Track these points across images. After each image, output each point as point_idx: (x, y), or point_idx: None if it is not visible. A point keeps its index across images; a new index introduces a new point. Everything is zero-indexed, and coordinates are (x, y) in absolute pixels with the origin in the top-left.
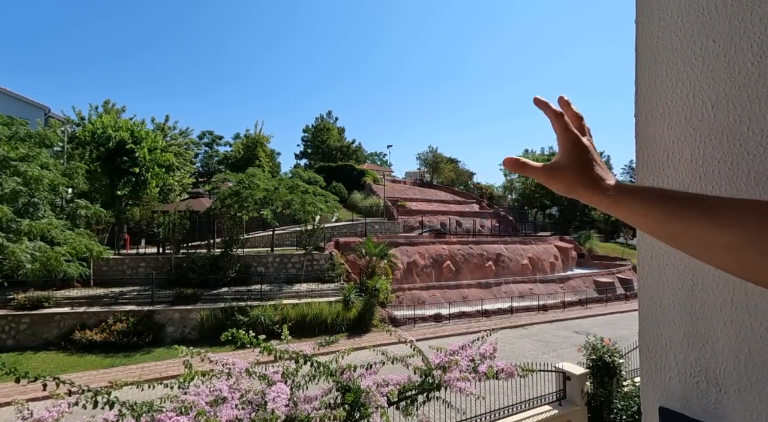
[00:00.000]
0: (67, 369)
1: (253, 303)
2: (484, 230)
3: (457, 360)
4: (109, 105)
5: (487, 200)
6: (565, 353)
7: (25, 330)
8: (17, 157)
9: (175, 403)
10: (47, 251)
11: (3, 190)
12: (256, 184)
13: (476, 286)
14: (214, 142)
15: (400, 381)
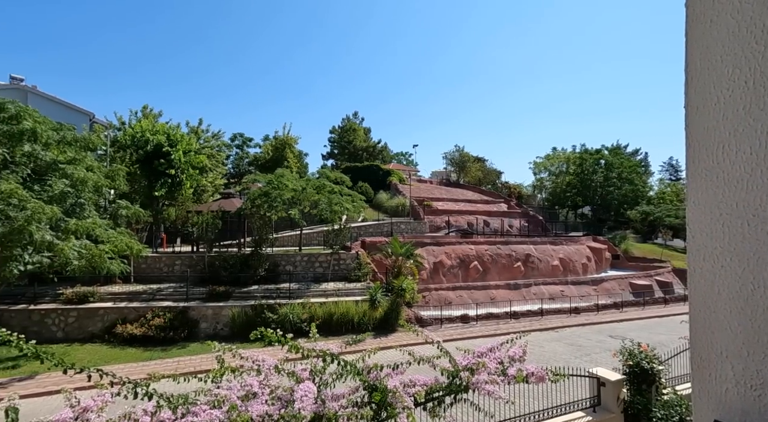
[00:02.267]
0: (110, 361)
1: (281, 301)
2: (512, 230)
3: (485, 363)
4: (147, 109)
5: (515, 199)
6: (599, 358)
7: (72, 323)
8: (65, 160)
9: (208, 397)
10: (92, 249)
11: (53, 191)
12: (284, 185)
13: (504, 287)
14: (244, 143)
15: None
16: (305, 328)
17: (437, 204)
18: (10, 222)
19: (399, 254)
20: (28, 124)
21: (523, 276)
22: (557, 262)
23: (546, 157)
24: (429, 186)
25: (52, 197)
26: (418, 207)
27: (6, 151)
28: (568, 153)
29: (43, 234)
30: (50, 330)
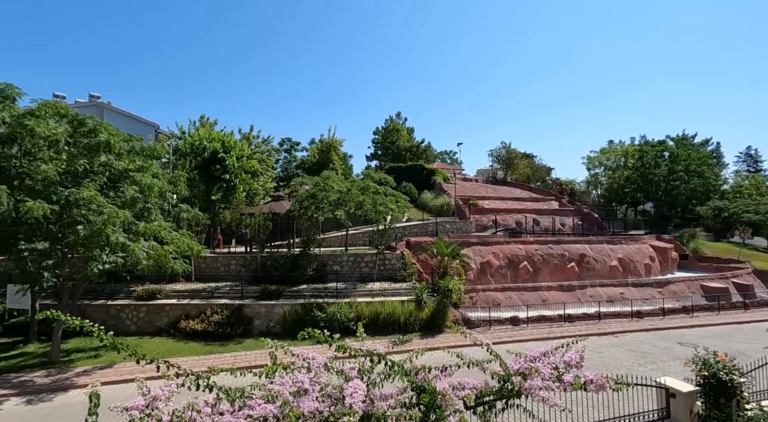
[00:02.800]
0: (175, 354)
1: (329, 300)
2: (564, 229)
3: (539, 368)
4: (204, 119)
5: (567, 197)
6: (667, 367)
7: (143, 318)
8: (135, 169)
9: (262, 392)
10: (158, 249)
11: (125, 197)
12: (330, 187)
13: (557, 289)
14: (292, 148)
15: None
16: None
17: (483, 202)
18: (91, 225)
19: (444, 254)
20: (104, 137)
21: (578, 278)
22: (616, 263)
23: (601, 151)
24: (474, 184)
25: (124, 202)
26: (463, 206)
27: (86, 162)
28: (626, 146)
29: (117, 237)
30: (125, 324)
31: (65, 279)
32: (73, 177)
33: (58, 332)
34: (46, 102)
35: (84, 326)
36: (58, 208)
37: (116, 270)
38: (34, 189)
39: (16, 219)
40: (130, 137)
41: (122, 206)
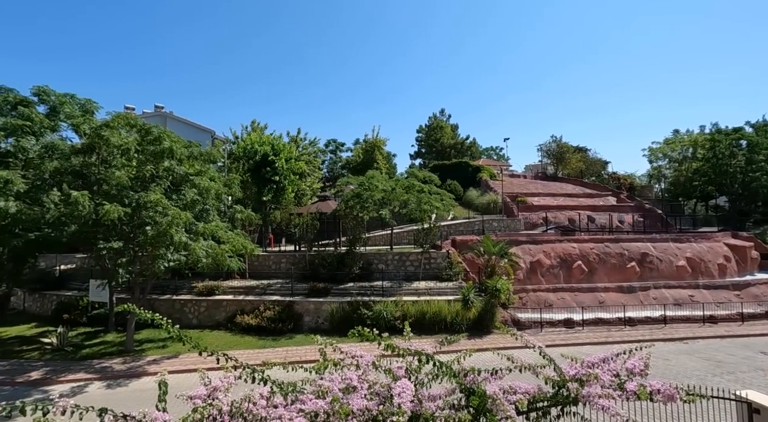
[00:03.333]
0: (232, 347)
1: (375, 298)
2: (623, 226)
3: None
4: (255, 123)
5: (626, 192)
6: (747, 378)
7: (203, 312)
8: (194, 173)
9: (313, 387)
10: (216, 248)
11: (186, 200)
12: (374, 186)
13: (615, 290)
14: (337, 149)
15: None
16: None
17: (532, 199)
18: (157, 226)
19: (492, 253)
20: (167, 144)
21: (639, 278)
22: (683, 262)
23: (665, 142)
24: (522, 181)
25: (186, 204)
26: (511, 203)
27: (153, 167)
28: (695, 135)
29: (180, 236)
30: (187, 318)
31: (136, 275)
32: (142, 181)
33: (131, 324)
34: (118, 114)
35: (154, 319)
36: (129, 210)
37: (180, 267)
38: (109, 193)
39: (95, 220)
40: (190, 143)
41: (184, 208)
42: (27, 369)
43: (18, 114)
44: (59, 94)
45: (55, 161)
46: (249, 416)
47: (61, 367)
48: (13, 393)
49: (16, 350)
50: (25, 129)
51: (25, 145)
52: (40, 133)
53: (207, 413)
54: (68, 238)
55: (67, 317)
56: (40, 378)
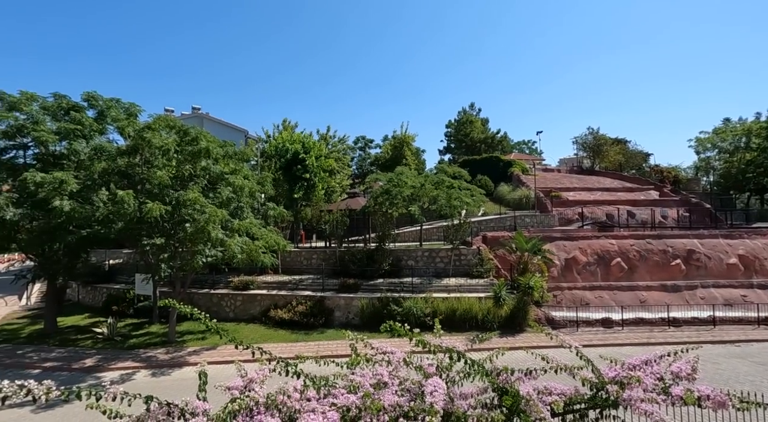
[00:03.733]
0: (266, 340)
1: (405, 294)
2: (666, 221)
3: (640, 377)
4: (286, 122)
5: (670, 185)
6: None
7: (239, 306)
8: (229, 171)
9: (345, 381)
10: (249, 244)
11: (222, 198)
12: (403, 182)
13: (658, 289)
14: (366, 145)
15: (566, 391)
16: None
17: (567, 194)
18: (195, 223)
19: (524, 249)
20: (204, 144)
21: (684, 277)
22: (735, 260)
23: (714, 131)
24: (557, 175)
25: (221, 202)
26: (544, 198)
27: (191, 167)
28: (749, 123)
29: (217, 233)
30: (224, 311)
31: (177, 270)
32: (181, 180)
33: (173, 317)
34: (159, 116)
35: (193, 313)
36: (170, 208)
37: (216, 262)
38: (152, 192)
39: (139, 218)
40: (225, 143)
41: (219, 206)
42: (82, 356)
43: (70, 119)
44: (106, 98)
45: (103, 162)
46: (283, 408)
47: (111, 355)
48: (69, 379)
49: (72, 338)
50: (76, 132)
51: (77, 148)
52: (90, 136)
53: (244, 404)
54: (116, 235)
55: (116, 309)
56: (93, 365)
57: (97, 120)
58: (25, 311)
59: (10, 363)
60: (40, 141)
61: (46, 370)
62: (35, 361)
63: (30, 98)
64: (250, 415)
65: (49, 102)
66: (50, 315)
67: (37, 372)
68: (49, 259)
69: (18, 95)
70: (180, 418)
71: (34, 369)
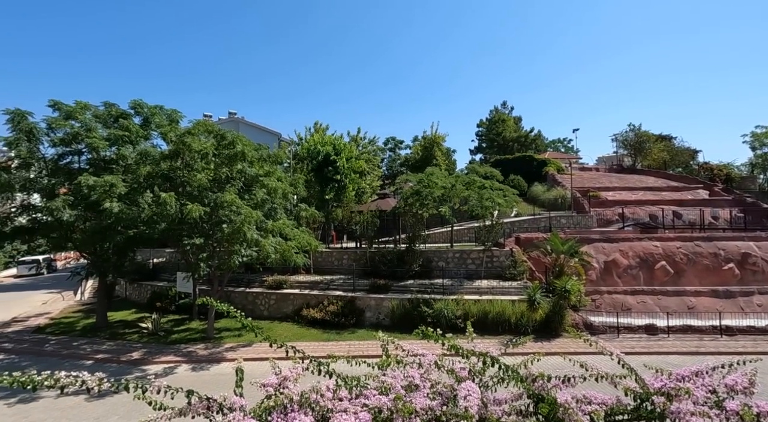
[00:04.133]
0: (299, 338)
1: (435, 296)
2: (718, 222)
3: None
4: (318, 125)
5: (721, 184)
6: None
7: (273, 305)
8: (263, 174)
9: (376, 382)
10: (283, 245)
11: (256, 199)
12: (434, 183)
13: (709, 294)
14: (396, 146)
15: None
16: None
17: (606, 194)
18: (232, 224)
19: (560, 251)
20: (239, 148)
21: (739, 282)
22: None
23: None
24: (594, 174)
25: (256, 204)
26: (581, 198)
27: (227, 170)
28: None
29: (252, 234)
30: (259, 309)
31: (215, 269)
32: (218, 183)
33: (211, 314)
34: (198, 121)
35: (230, 312)
36: (208, 209)
37: (252, 262)
38: (192, 194)
39: (180, 219)
40: (259, 146)
41: (254, 207)
42: (129, 349)
43: (119, 126)
44: (151, 106)
45: (147, 166)
46: (316, 407)
47: (155, 349)
48: (118, 370)
49: (120, 332)
50: (124, 138)
51: (125, 153)
52: (136, 141)
53: (279, 402)
54: (159, 235)
55: (159, 305)
56: (139, 358)
57: (143, 126)
58: (79, 305)
59: (67, 353)
60: (93, 147)
61: (98, 362)
62: (89, 353)
63: (84, 107)
64: (284, 412)
65: (100, 110)
66: (101, 310)
67: (90, 363)
68: (100, 257)
69: (73, 105)
70: (218, 412)
71: (88, 360)
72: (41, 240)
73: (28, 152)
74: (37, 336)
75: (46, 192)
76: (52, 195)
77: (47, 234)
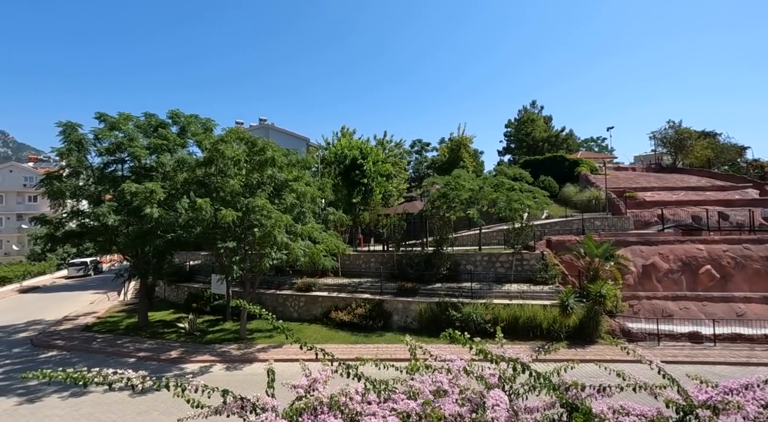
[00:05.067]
0: (328, 341)
1: (464, 300)
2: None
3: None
4: (345, 129)
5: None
6: None
7: (302, 307)
8: (292, 178)
9: (404, 387)
10: (312, 248)
11: (286, 204)
12: (461, 185)
13: (760, 301)
14: (422, 149)
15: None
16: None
17: (644, 194)
18: (263, 228)
19: (594, 255)
20: (270, 154)
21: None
22: None
23: None
24: (631, 173)
25: (286, 208)
26: (617, 199)
27: (258, 175)
28: None
29: (282, 237)
30: (289, 311)
31: (247, 271)
32: (250, 188)
33: (244, 315)
34: (230, 129)
35: (261, 314)
36: (240, 214)
37: (282, 264)
38: (225, 199)
39: (215, 223)
40: (288, 151)
41: (284, 211)
42: (168, 348)
43: (158, 135)
44: (187, 115)
45: (184, 173)
46: (345, 410)
47: (192, 349)
48: (158, 368)
49: (160, 331)
50: (163, 147)
51: (164, 161)
52: (174, 149)
53: (310, 403)
54: (195, 238)
55: (195, 306)
56: (177, 357)
57: (180, 135)
58: (123, 305)
59: (111, 351)
60: (135, 155)
61: (140, 359)
62: (131, 351)
63: (126, 118)
64: (314, 414)
65: (141, 121)
66: (143, 310)
67: (132, 361)
68: (141, 260)
69: (117, 116)
70: (252, 412)
71: (131, 357)
72: (89, 243)
73: (78, 161)
74: (85, 334)
75: (93, 198)
76: (98, 201)
77: (94, 238)
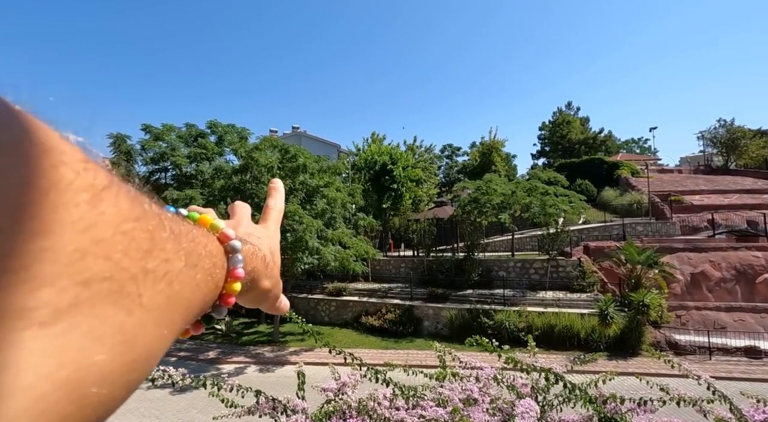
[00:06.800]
0: (358, 345)
1: (496, 307)
2: None
3: None
4: (375, 135)
5: None
6: None
7: (333, 311)
8: (323, 184)
9: (433, 394)
10: (342, 253)
11: (317, 209)
12: (492, 190)
13: None
14: (453, 153)
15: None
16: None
17: (692, 198)
18: (295, 233)
19: (636, 262)
20: (301, 161)
21: None
22: None
23: None
24: (677, 176)
25: (317, 213)
26: (661, 203)
27: (290, 182)
28: None
29: (313, 242)
30: (320, 315)
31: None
32: None
33: (277, 318)
34: (264, 137)
35: (292, 318)
36: None
37: (313, 269)
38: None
39: None
40: (319, 158)
41: (315, 217)
42: (206, 349)
43: (198, 144)
44: (224, 125)
45: (221, 180)
46: (373, 415)
47: (228, 350)
48: (197, 368)
49: None
50: (202, 156)
51: (203, 169)
52: (212, 157)
53: (339, 407)
54: None
55: (231, 308)
56: (214, 357)
57: (217, 144)
58: None
59: None
60: (176, 164)
61: (181, 359)
62: (173, 350)
63: (169, 129)
64: (343, 418)
65: (182, 131)
66: None
67: (173, 360)
68: None
69: (161, 127)
70: (283, 413)
71: (172, 357)
72: None
73: (126, 171)
74: None
75: None
76: None
77: None
